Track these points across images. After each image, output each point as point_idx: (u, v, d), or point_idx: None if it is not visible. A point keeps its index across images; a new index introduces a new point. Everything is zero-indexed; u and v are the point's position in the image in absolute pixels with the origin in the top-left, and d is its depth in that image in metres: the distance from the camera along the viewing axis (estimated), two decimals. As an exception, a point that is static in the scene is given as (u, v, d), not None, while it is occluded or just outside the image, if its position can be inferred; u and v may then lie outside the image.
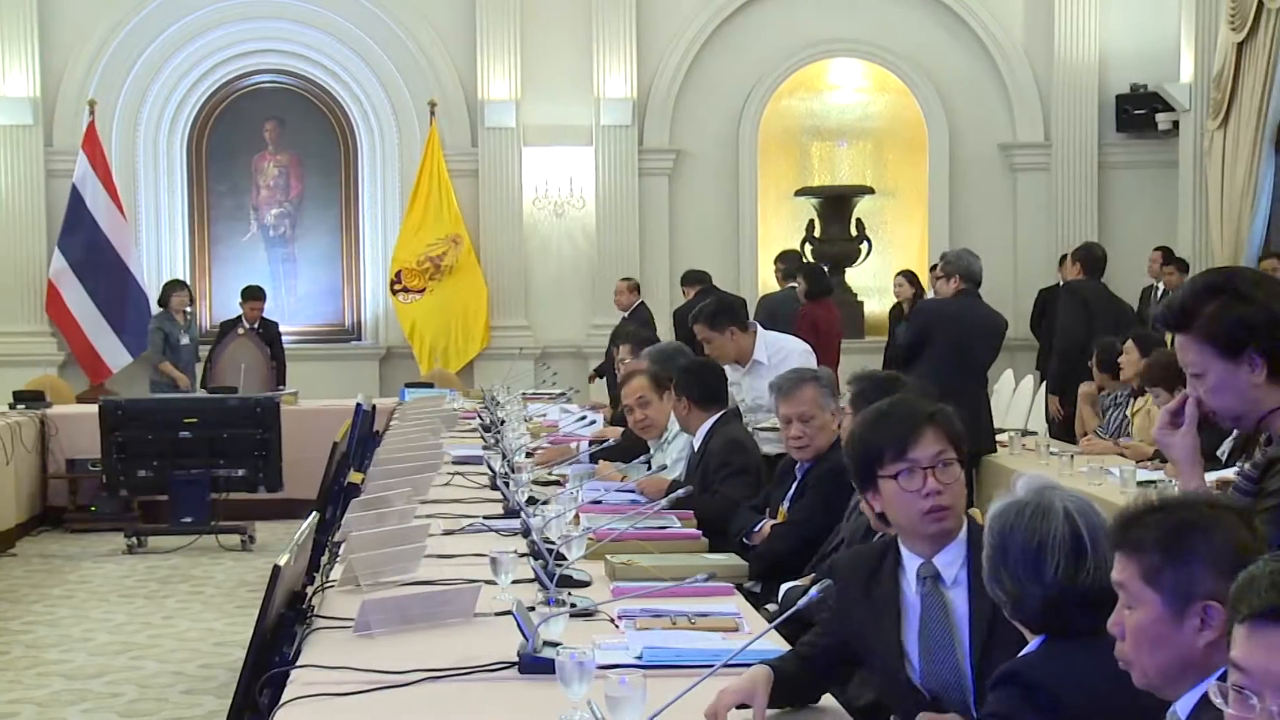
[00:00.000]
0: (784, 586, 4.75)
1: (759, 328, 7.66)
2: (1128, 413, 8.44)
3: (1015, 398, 12.05)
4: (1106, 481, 6.80)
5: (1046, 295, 12.81)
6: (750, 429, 6.76)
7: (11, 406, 11.45)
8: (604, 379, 12.09)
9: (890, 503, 3.44)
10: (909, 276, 12.72)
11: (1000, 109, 14.60)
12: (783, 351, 7.51)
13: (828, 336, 10.70)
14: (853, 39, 14.58)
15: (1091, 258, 10.25)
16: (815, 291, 11.18)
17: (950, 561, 3.41)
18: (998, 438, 8.65)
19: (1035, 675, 2.78)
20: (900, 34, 14.49)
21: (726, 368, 7.23)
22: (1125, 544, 2.46)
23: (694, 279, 12.04)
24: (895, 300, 13.05)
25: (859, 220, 14.57)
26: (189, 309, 12.87)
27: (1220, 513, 2.47)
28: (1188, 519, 2.43)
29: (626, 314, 12.83)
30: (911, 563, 3.43)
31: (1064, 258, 11.93)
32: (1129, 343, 8.41)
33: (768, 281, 14.53)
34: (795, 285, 11.80)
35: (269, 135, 14.39)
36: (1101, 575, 2.67)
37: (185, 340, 12.65)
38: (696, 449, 6.38)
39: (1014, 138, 14.58)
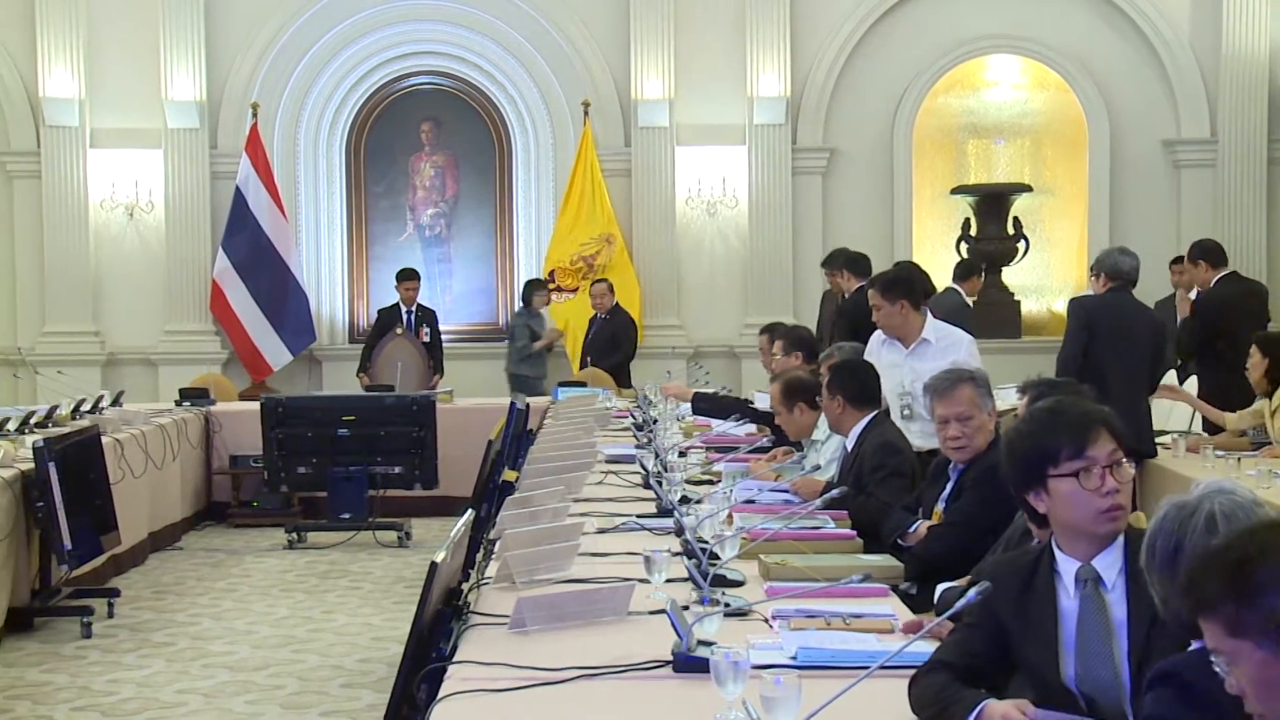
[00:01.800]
0: (940, 587, 4.69)
1: (929, 313, 7.56)
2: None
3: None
4: (1275, 485, 6.64)
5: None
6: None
7: (178, 403, 11.73)
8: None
9: (1064, 502, 3.38)
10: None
11: (1164, 104, 14.29)
12: (950, 336, 7.43)
13: None
14: (1010, 35, 14.38)
15: (1212, 254, 10.09)
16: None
17: (1110, 564, 3.35)
18: (1158, 440, 8.46)
19: (1192, 675, 2.71)
20: (1059, 29, 14.25)
21: (890, 350, 7.18)
22: (1199, 609, 2.34)
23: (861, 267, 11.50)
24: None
25: (1016, 219, 14.36)
26: (546, 309, 13.69)
27: (1276, 532, 2.34)
28: (1244, 554, 2.30)
29: (606, 315, 13.18)
30: (1068, 566, 3.37)
31: (1178, 259, 11.76)
32: (1253, 346, 8.22)
33: (922, 280, 14.40)
34: (955, 287, 11.62)
35: (425, 136, 14.57)
36: None
37: None
38: (849, 450, 6.33)
39: (1178, 133, 14.27)
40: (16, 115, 13.91)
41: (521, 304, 13.79)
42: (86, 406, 10.44)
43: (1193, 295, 10.63)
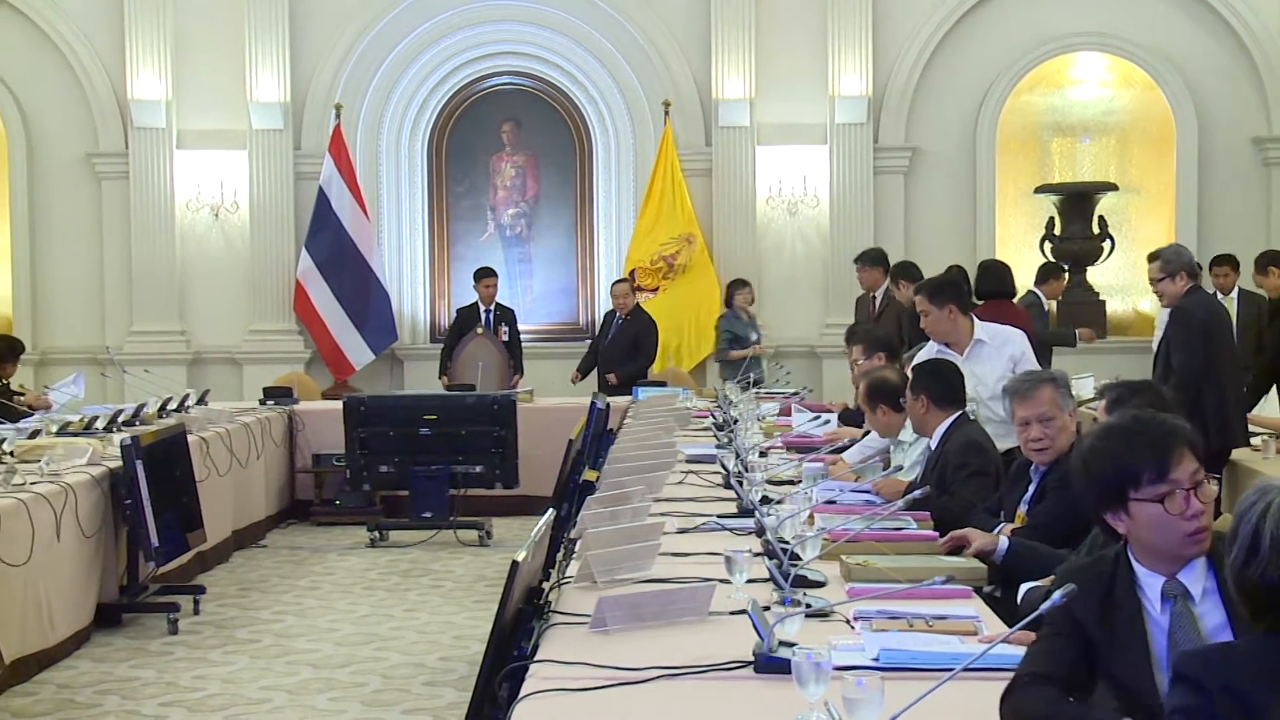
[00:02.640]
0: (1024, 587, 4.65)
1: (975, 319, 7.50)
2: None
3: (1265, 402, 11.61)
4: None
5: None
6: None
7: (261, 402, 11.84)
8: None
9: (1146, 526, 3.27)
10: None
11: (1253, 100, 14.09)
12: (1001, 334, 7.38)
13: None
14: (1096, 32, 14.23)
15: None
16: (989, 292, 10.04)
17: (1196, 576, 3.27)
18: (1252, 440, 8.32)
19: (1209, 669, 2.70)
20: (1146, 26, 14.09)
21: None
22: None
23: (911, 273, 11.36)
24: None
25: (1101, 218, 14.21)
26: (751, 307, 13.47)
27: None
28: None
29: (628, 316, 12.94)
30: (1151, 580, 3.29)
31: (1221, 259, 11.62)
32: None
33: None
34: (1035, 291, 11.52)
35: (506, 136, 14.62)
36: (1270, 574, 2.65)
37: (754, 336, 13.34)
38: (933, 450, 6.28)
39: (1269, 130, 14.06)
40: (105, 117, 14.10)
41: (725, 306, 13.53)
42: (173, 405, 10.56)
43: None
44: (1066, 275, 12.73)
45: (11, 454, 8.04)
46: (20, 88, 14.14)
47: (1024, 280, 14.11)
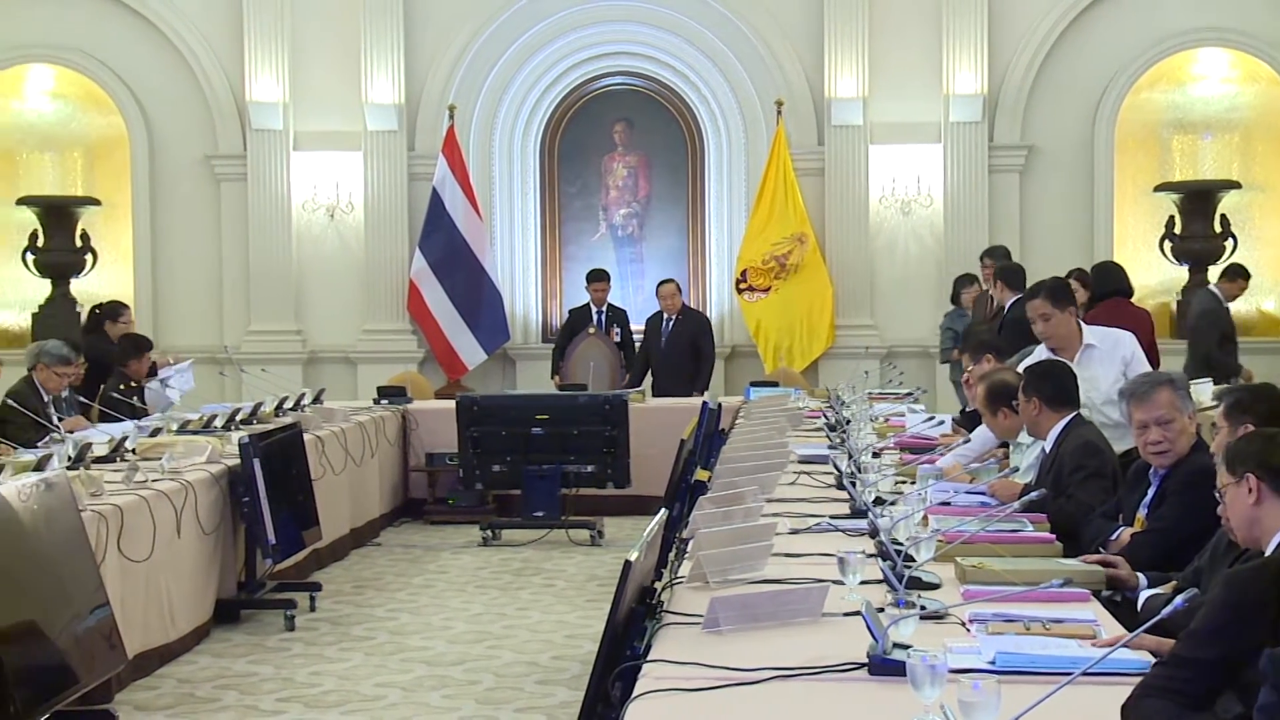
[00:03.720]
0: (1144, 594, 4.57)
1: (1083, 323, 7.43)
2: None
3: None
4: None
5: None
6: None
7: (376, 402, 11.96)
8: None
9: None
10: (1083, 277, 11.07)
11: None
12: (1110, 336, 7.29)
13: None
14: (1219, 28, 13.98)
15: None
16: (1107, 292, 10.10)
17: None
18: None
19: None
20: (1271, 21, 13.82)
21: None
22: None
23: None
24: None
25: (1224, 216, 13.96)
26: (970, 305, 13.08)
27: None
28: None
29: (679, 317, 12.74)
30: None
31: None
32: None
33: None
34: (1215, 289, 11.33)
35: (618, 136, 14.66)
36: None
37: None
38: (1048, 451, 6.21)
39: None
40: (224, 120, 14.32)
41: (951, 302, 12.90)
42: (289, 404, 10.69)
43: None
44: (1247, 280, 12.36)
45: (133, 452, 8.18)
46: (143, 91, 14.40)
47: (1141, 280, 13.95)
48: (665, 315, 12.96)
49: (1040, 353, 7.30)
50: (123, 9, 14.29)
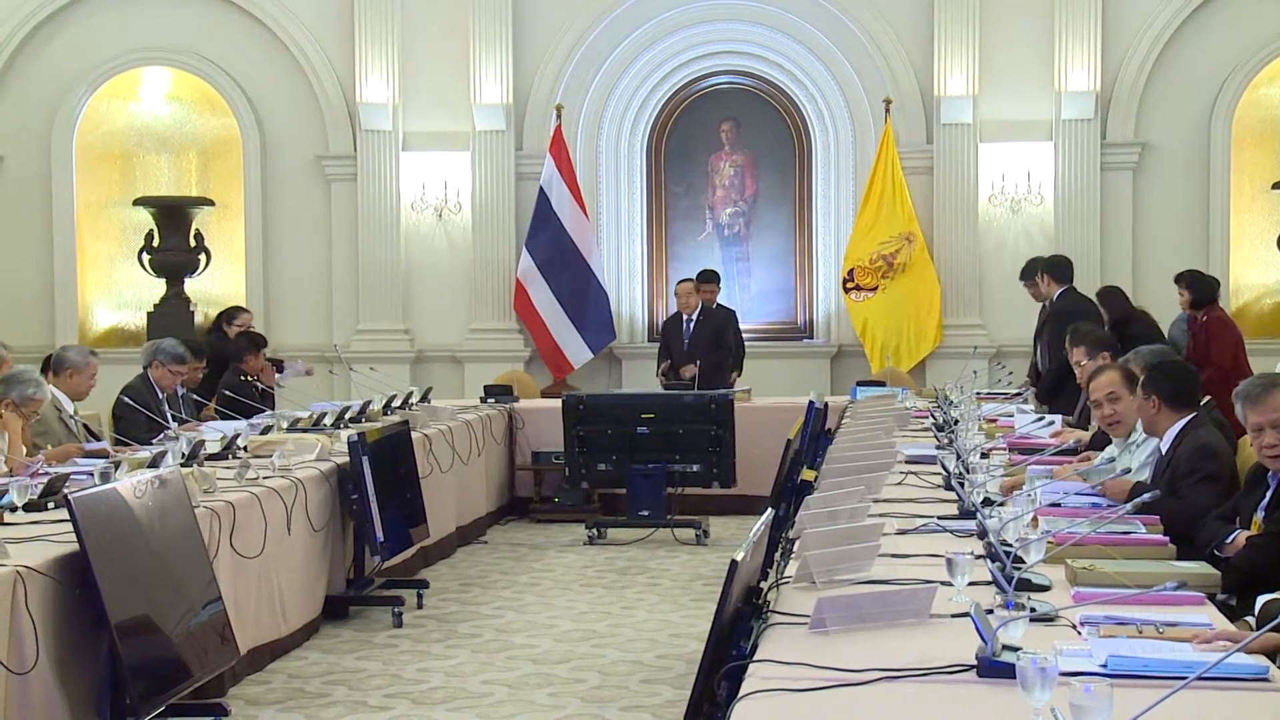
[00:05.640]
0: (1261, 599, 4.48)
1: None
2: None
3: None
4: None
5: None
6: None
7: (482, 400, 12.03)
8: None
9: None
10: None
11: None
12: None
13: (1222, 344, 10.26)
14: (1339, 20, 13.71)
15: None
16: (1202, 299, 10.75)
17: None
18: None
19: None
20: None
21: None
22: None
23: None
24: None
25: (1342, 214, 13.69)
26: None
27: None
28: None
29: (700, 316, 12.53)
30: None
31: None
32: None
33: (1239, 279, 13.86)
34: None
35: (725, 135, 14.64)
36: None
37: None
38: (1164, 451, 6.11)
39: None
40: (335, 121, 14.48)
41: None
42: (397, 402, 10.79)
43: None
44: None
45: (245, 449, 8.29)
46: (255, 92, 14.60)
47: (1257, 279, 13.68)
48: (685, 315, 12.79)
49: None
50: (237, 12, 14.50)
